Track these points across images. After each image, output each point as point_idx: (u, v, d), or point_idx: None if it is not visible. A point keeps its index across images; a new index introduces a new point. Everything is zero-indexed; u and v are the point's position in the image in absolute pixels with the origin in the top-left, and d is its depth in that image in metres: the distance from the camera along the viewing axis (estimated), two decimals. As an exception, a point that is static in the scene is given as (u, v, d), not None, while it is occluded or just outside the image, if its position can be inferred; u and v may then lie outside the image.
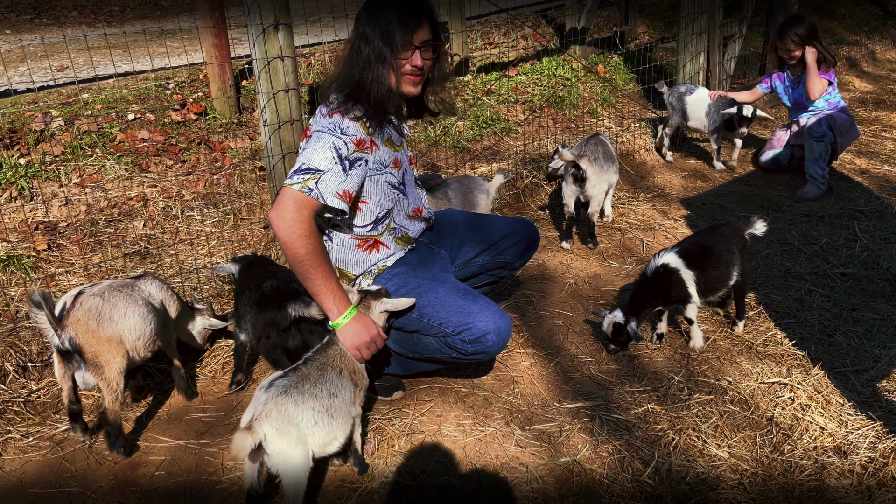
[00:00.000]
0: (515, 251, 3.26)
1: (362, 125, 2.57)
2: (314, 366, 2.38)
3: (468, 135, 5.78)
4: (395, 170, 2.76)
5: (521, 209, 4.99)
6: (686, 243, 3.42)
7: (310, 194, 2.44)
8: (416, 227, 2.95)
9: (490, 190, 3.88)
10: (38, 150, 4.54)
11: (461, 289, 2.78)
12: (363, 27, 2.56)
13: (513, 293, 3.97)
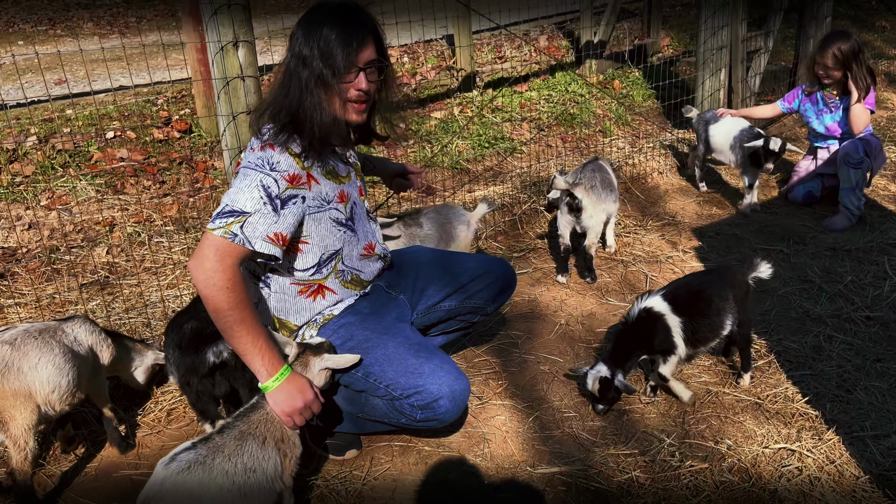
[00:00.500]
0: (487, 294, 2.93)
1: (296, 159, 2.28)
2: (231, 435, 2.08)
3: (469, 155, 5.47)
4: (340, 205, 2.45)
5: (517, 237, 4.66)
6: (674, 286, 3.05)
7: (233, 240, 2.14)
8: (369, 267, 2.64)
9: (471, 221, 3.56)
10: (10, 170, 4.35)
11: (414, 344, 2.46)
12: (299, 47, 2.27)
13: (496, 333, 3.64)
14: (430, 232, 3.42)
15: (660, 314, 2.92)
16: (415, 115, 5.86)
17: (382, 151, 5.31)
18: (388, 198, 4.06)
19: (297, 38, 2.27)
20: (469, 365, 3.37)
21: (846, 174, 4.80)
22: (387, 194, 3.98)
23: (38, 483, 2.65)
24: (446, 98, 6.20)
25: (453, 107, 6.00)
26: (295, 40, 2.29)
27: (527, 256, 4.43)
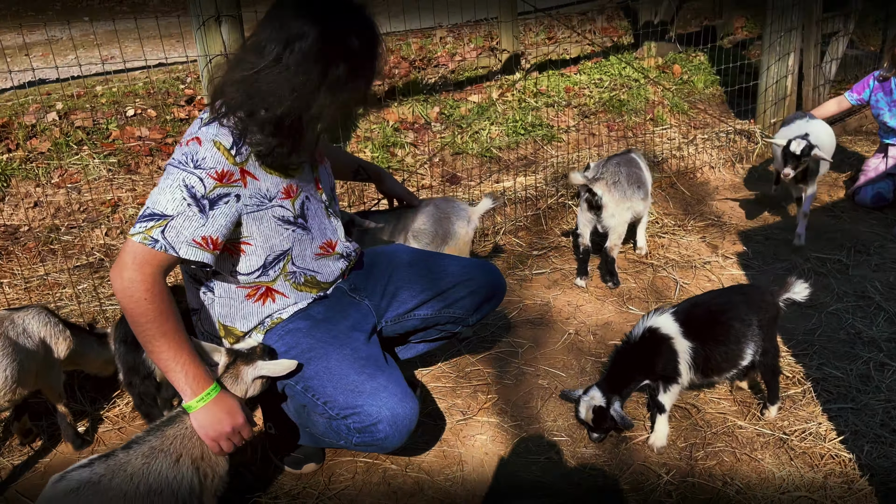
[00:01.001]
0: (469, 303, 2.64)
1: (225, 154, 2.01)
2: (139, 452, 1.89)
3: (501, 142, 5.13)
4: (286, 201, 2.19)
5: (540, 233, 4.31)
6: (689, 304, 2.67)
7: (154, 246, 1.93)
8: (327, 268, 2.39)
9: (472, 217, 3.25)
10: (27, 146, 4.33)
11: (361, 358, 2.20)
12: (312, 46, 1.94)
13: (497, 340, 3.33)
14: (425, 227, 3.14)
15: (667, 336, 2.56)
16: (450, 98, 5.57)
17: (410, 136, 5.05)
18: (378, 201, 3.79)
19: (309, 37, 1.94)
20: (459, 374, 3.09)
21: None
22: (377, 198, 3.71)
23: (-15, 477, 2.56)
24: (487, 81, 5.87)
25: (492, 90, 5.66)
26: (304, 38, 1.94)
27: (547, 255, 4.09)
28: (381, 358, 2.25)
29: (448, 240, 3.18)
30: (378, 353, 2.26)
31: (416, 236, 3.13)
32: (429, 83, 5.71)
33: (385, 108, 5.27)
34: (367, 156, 4.74)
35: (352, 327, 2.32)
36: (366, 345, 2.28)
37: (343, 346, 2.22)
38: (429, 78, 5.78)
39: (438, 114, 5.39)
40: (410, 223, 3.14)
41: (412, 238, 3.13)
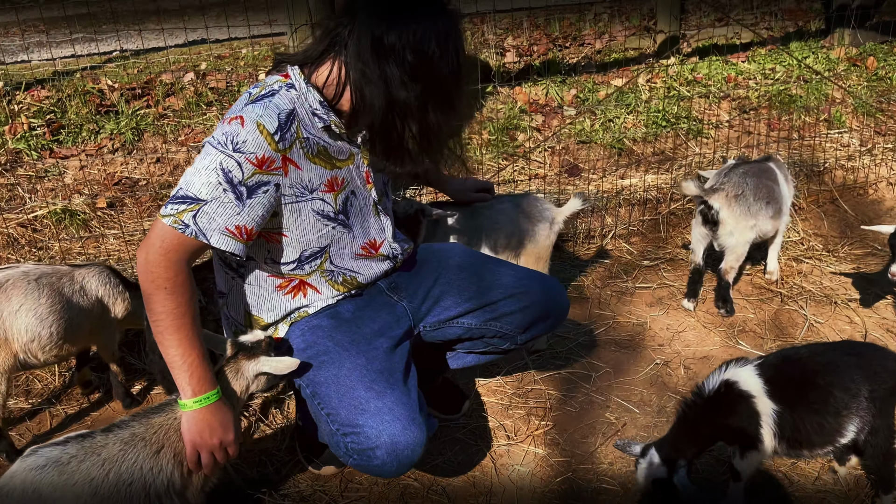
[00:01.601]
0: (519, 320, 2.34)
1: (268, 138, 1.86)
2: (118, 437, 1.83)
3: (637, 133, 4.64)
4: (328, 194, 2.03)
5: (656, 241, 3.84)
6: (779, 358, 2.19)
7: (184, 231, 1.82)
8: (370, 269, 2.20)
9: (556, 219, 2.91)
10: (165, 104, 4.55)
11: (375, 371, 2.00)
12: (414, 50, 1.80)
13: (573, 358, 2.99)
14: (501, 225, 2.85)
15: (747, 394, 2.11)
16: (590, 80, 5.13)
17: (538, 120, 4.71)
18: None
19: (410, 33, 1.80)
20: (517, 391, 2.81)
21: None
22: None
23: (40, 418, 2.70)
24: (636, 64, 5.34)
25: (640, 74, 5.14)
26: (402, 28, 1.80)
27: (658, 268, 3.63)
28: (398, 371, 2.04)
29: (525, 242, 2.88)
30: (397, 366, 2.06)
31: (490, 235, 2.86)
32: (569, 63, 5.30)
33: (516, 86, 4.97)
34: (483, 138, 4.49)
35: (378, 332, 2.12)
36: (386, 354, 2.08)
37: (359, 353, 2.03)
38: (570, 58, 5.37)
39: (574, 97, 4.98)
40: (485, 220, 2.87)
41: (485, 237, 2.87)
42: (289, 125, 1.90)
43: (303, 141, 1.94)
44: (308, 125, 1.96)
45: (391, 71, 1.83)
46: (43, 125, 4.29)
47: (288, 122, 1.90)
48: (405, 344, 2.20)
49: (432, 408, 2.70)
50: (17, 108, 4.39)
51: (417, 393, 2.06)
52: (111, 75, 4.92)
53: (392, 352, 2.11)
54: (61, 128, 4.31)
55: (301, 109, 1.95)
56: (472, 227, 2.87)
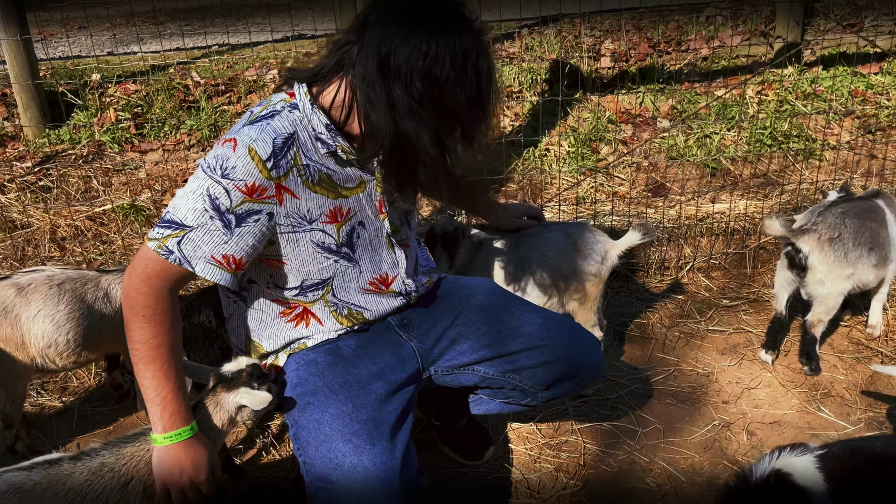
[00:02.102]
0: (540, 376, 2.09)
1: (259, 165, 1.71)
2: (87, 466, 1.75)
3: (737, 151, 4.18)
4: (330, 225, 1.86)
5: (740, 278, 3.42)
6: (846, 448, 1.81)
7: (167, 257, 1.71)
8: (379, 305, 2.02)
9: (610, 253, 2.60)
10: (246, 101, 4.57)
11: (360, 421, 1.82)
12: (433, 69, 1.62)
13: (620, 407, 2.69)
14: (548, 257, 2.58)
15: (801, 489, 1.76)
16: (692, 90, 4.69)
17: (627, 131, 4.35)
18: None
19: (424, 50, 1.61)
20: (549, 440, 2.54)
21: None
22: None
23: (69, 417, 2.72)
24: (748, 73, 4.83)
25: (749, 85, 4.64)
26: (414, 44, 1.61)
27: (738, 309, 3.22)
28: (387, 423, 1.85)
29: (572, 278, 2.60)
30: (388, 416, 1.87)
31: (535, 267, 2.61)
32: (669, 70, 4.87)
33: (607, 94, 4.62)
34: (562, 149, 4.19)
35: (375, 375, 1.94)
36: (378, 402, 1.89)
37: (348, 399, 1.86)
38: (671, 64, 4.94)
39: (671, 108, 4.57)
40: (530, 250, 2.62)
41: (529, 268, 2.61)
42: (285, 151, 1.75)
43: (301, 168, 1.78)
44: (309, 151, 1.80)
45: (398, 96, 1.64)
46: (129, 119, 4.42)
47: (284, 147, 1.75)
48: (407, 390, 2.00)
49: (453, 451, 2.49)
50: (108, 100, 4.54)
51: (406, 448, 1.87)
52: (202, 70, 5.01)
53: (387, 399, 1.92)
54: (146, 122, 4.42)
55: (303, 133, 1.79)
56: (516, 256, 2.63)
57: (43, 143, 4.23)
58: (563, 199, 3.85)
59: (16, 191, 3.80)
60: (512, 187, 3.98)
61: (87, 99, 4.52)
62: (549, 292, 2.62)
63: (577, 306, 2.66)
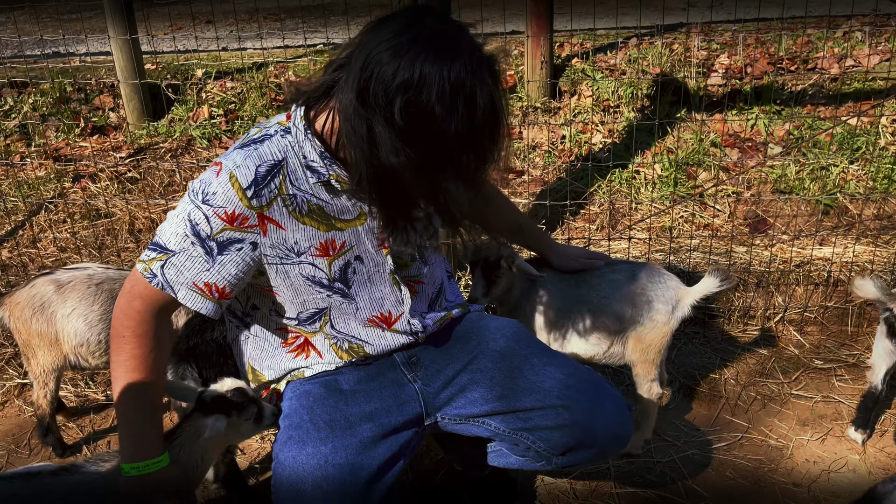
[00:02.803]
0: (555, 440, 1.86)
1: (240, 193, 1.62)
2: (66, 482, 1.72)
3: (858, 188, 3.68)
4: (321, 259, 1.74)
5: (839, 336, 2.97)
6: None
7: (151, 281, 1.66)
8: (382, 339, 1.87)
9: (683, 302, 2.28)
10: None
11: (335, 465, 1.70)
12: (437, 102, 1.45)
13: (667, 476, 2.38)
14: (610, 301, 2.31)
15: None
16: (814, 113, 4.19)
17: (732, 156, 3.94)
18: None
19: (437, 85, 1.43)
20: (580, 502, 2.29)
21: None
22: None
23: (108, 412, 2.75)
24: (884, 97, 4.26)
25: (882, 112, 4.08)
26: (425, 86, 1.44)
27: (832, 372, 2.80)
28: (366, 469, 1.72)
29: (637, 326, 2.31)
30: (370, 462, 1.73)
31: (595, 311, 2.33)
32: (790, 91, 4.38)
33: (715, 114, 4.22)
34: (654, 173, 3.85)
35: (366, 416, 1.79)
36: (363, 446, 1.75)
37: (328, 439, 1.73)
38: (793, 84, 4.43)
39: (786, 133, 4.11)
40: (590, 291, 2.35)
41: (588, 312, 2.34)
42: (268, 180, 1.64)
43: (287, 198, 1.67)
44: (299, 179, 1.68)
45: (379, 131, 1.47)
46: (221, 115, 4.52)
47: (268, 175, 1.64)
48: (403, 434, 1.84)
49: (472, 501, 2.30)
50: (205, 96, 4.67)
51: (384, 499, 1.71)
52: (300, 69, 5.05)
53: (373, 443, 1.77)
54: (237, 118, 4.50)
55: (294, 160, 1.68)
56: (572, 298, 2.37)
57: (141, 134, 4.40)
58: (648, 227, 3.54)
59: (106, 181, 3.97)
60: (593, 210, 3.70)
61: (187, 94, 4.66)
62: (608, 340, 2.36)
63: (638, 357, 2.37)
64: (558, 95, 4.53)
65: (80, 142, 4.38)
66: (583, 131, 4.27)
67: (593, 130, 4.28)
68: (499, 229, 2.34)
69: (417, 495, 2.36)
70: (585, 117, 4.35)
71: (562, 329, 2.41)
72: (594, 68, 4.63)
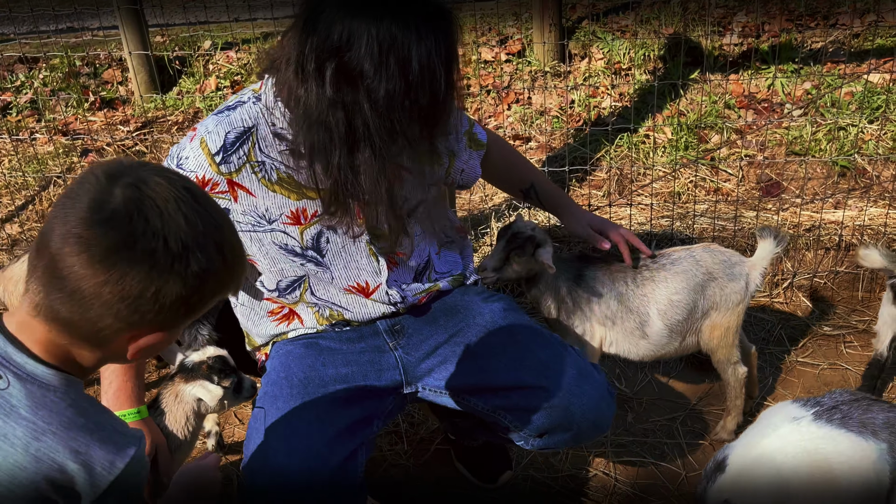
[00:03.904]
0: (533, 421, 1.82)
1: (207, 155, 1.62)
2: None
3: (878, 148, 3.55)
4: (293, 227, 1.73)
5: (850, 302, 2.88)
6: None
7: None
8: (362, 307, 1.86)
9: (752, 275, 2.20)
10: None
11: (307, 421, 1.71)
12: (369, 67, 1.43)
13: (664, 447, 2.34)
14: (679, 296, 2.17)
15: None
16: (835, 71, 4.03)
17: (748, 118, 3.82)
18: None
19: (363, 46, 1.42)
20: (576, 470, 2.27)
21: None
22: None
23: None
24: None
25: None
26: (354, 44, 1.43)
27: (841, 340, 2.72)
28: (332, 427, 1.71)
29: (712, 313, 2.21)
30: (337, 421, 1.72)
31: (663, 314, 2.18)
32: (810, 49, 4.21)
33: (731, 74, 4.08)
34: (665, 136, 3.75)
35: (342, 378, 1.80)
36: (333, 404, 1.75)
37: (299, 396, 1.75)
38: (814, 41, 4.26)
39: (805, 92, 3.96)
40: (649, 293, 2.18)
41: (654, 317, 2.19)
42: (238, 146, 1.64)
43: (256, 165, 1.66)
44: (269, 146, 1.67)
45: (310, 90, 1.47)
46: (227, 87, 4.50)
47: (238, 142, 1.64)
48: (378, 399, 1.84)
49: (467, 469, 2.30)
50: (213, 68, 4.65)
51: (348, 459, 1.71)
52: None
53: (346, 404, 1.79)
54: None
55: (264, 127, 1.66)
56: (623, 299, 2.20)
57: (149, 107, 4.41)
58: (653, 192, 3.46)
59: (113, 154, 3.99)
60: (600, 176, 3.62)
61: (194, 66, 4.65)
62: (679, 336, 2.23)
63: (717, 343, 2.24)
64: (568, 59, 4.42)
65: (90, 116, 4.41)
66: (593, 95, 4.17)
67: (604, 94, 4.17)
68: (509, 187, 2.26)
69: (412, 464, 2.36)
70: (596, 81, 4.24)
71: (632, 336, 2.23)
72: (605, 30, 4.50)
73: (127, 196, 1.04)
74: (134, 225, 1.03)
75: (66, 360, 1.12)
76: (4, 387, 1.07)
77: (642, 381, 2.62)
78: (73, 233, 1.03)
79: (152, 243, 1.03)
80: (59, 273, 1.04)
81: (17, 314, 1.12)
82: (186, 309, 1.11)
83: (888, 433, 1.61)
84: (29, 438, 1.05)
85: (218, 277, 1.12)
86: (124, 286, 1.04)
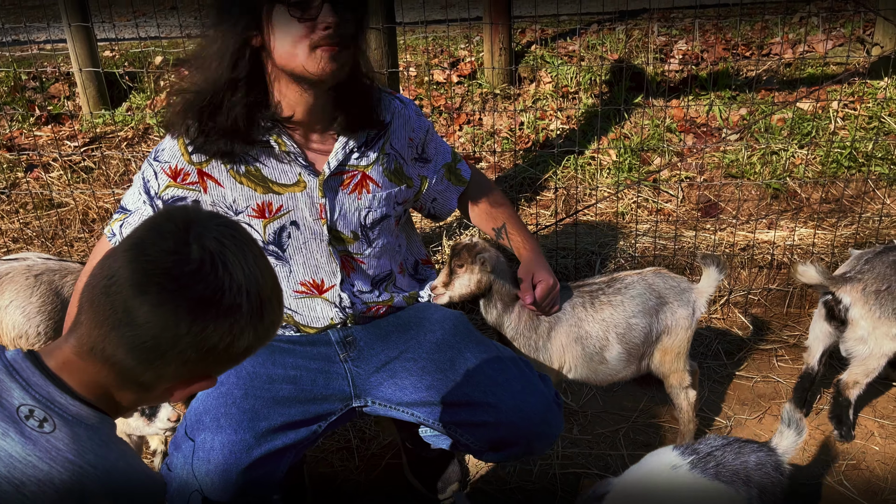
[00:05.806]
0: (483, 436, 1.88)
1: (181, 146, 1.74)
2: None
3: (807, 172, 3.75)
4: (256, 220, 1.80)
5: (782, 319, 3.03)
6: None
7: (111, 239, 1.86)
8: (311, 311, 1.90)
9: (698, 301, 2.27)
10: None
11: (242, 409, 1.75)
12: None
13: (607, 458, 2.43)
14: (636, 321, 2.22)
15: None
16: (769, 98, 4.24)
17: (688, 142, 3.99)
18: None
19: None
20: (522, 482, 2.33)
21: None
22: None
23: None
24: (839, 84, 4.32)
25: (834, 97, 4.15)
26: None
27: (773, 354, 2.87)
28: (265, 421, 1.75)
29: (661, 336, 2.27)
30: (272, 417, 1.76)
31: (622, 337, 2.23)
32: (746, 77, 4.43)
33: (672, 100, 4.26)
34: (609, 158, 3.89)
35: (289, 379, 1.84)
36: (274, 402, 1.79)
37: (243, 386, 1.79)
38: (748, 70, 4.49)
39: (741, 118, 4.16)
40: (607, 314, 2.22)
41: (613, 341, 2.23)
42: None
43: (225, 156, 1.73)
44: None
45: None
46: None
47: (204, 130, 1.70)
48: (323, 405, 1.87)
49: (418, 481, 2.33)
50: (164, 84, 4.63)
51: (270, 455, 1.75)
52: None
53: (286, 404, 1.81)
54: (195, 107, 4.47)
55: None
56: (593, 323, 2.22)
57: (97, 123, 4.35)
58: (600, 213, 3.58)
59: (59, 170, 3.93)
60: (548, 196, 3.73)
61: (144, 82, 4.62)
62: (635, 358, 2.28)
63: (668, 368, 2.31)
64: (518, 82, 4.54)
65: (36, 131, 4.33)
66: (541, 118, 4.29)
67: (551, 117, 4.30)
68: (483, 225, 2.21)
69: (364, 479, 2.39)
70: (544, 104, 4.37)
71: (582, 359, 2.24)
72: (553, 55, 4.65)
73: (209, 249, 1.03)
74: (220, 279, 1.03)
75: (105, 399, 1.12)
76: (50, 430, 1.05)
77: (587, 394, 2.71)
78: (155, 283, 1.02)
79: (238, 298, 1.04)
80: (131, 321, 1.02)
81: (60, 353, 1.10)
82: (244, 357, 1.13)
83: (759, 475, 1.78)
84: (73, 483, 1.04)
85: (277, 327, 1.15)
86: (204, 338, 1.04)
